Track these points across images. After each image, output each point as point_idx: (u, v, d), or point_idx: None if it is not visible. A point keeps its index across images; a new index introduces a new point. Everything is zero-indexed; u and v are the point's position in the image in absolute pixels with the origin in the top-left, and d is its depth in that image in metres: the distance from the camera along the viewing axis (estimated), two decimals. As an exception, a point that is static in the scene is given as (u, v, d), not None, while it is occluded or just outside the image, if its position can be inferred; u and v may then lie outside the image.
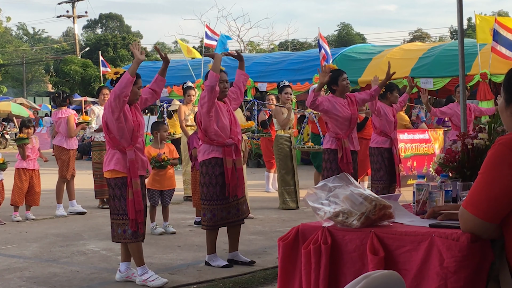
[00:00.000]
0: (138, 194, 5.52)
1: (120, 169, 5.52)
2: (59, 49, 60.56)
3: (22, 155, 9.19)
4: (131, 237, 5.56)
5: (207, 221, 6.15)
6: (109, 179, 5.59)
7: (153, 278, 5.56)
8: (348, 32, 58.12)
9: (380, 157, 8.33)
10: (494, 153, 2.58)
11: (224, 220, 6.16)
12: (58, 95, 9.93)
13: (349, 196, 2.96)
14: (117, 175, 5.54)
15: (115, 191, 5.56)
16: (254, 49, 46.67)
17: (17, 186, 9.18)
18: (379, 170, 8.33)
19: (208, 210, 6.14)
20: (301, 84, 17.65)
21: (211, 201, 6.12)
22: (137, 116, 5.66)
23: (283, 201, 9.97)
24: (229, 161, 6.11)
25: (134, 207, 5.47)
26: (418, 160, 12.43)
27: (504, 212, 2.56)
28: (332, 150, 7.21)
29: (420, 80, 15.95)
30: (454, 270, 2.66)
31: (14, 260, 6.65)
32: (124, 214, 5.53)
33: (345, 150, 7.14)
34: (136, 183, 5.51)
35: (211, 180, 6.11)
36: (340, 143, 7.14)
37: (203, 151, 6.20)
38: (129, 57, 46.93)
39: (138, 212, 5.49)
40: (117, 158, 5.53)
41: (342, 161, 7.11)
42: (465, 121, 6.47)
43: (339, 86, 7.18)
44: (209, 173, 6.12)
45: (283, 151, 10.05)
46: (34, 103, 38.33)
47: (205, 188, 6.15)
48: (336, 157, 7.17)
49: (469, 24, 46.89)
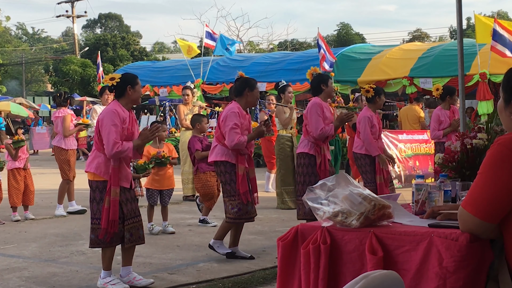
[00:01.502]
0: (115, 203, 5.38)
1: (100, 173, 5.45)
2: (58, 49, 60.57)
3: (14, 156, 9.17)
4: (105, 243, 5.44)
5: (233, 214, 6.36)
6: (90, 181, 5.53)
7: (114, 282, 5.49)
8: (348, 32, 58.09)
9: (367, 160, 8.05)
10: (493, 153, 2.58)
11: (249, 214, 6.39)
12: (59, 95, 9.94)
13: (348, 196, 2.96)
14: (99, 178, 5.47)
15: (95, 194, 5.48)
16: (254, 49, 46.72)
17: (14, 187, 9.18)
18: (370, 172, 8.05)
19: (234, 204, 6.34)
20: (300, 84, 17.64)
21: (236, 196, 6.32)
22: (133, 125, 5.60)
23: (282, 201, 9.98)
24: (241, 168, 6.29)
25: (109, 216, 5.35)
26: (421, 159, 12.44)
27: (503, 212, 2.56)
28: (309, 155, 6.99)
29: (420, 80, 15.95)
30: (453, 270, 2.66)
31: (13, 260, 6.65)
32: (100, 219, 5.42)
33: (324, 157, 6.99)
34: (115, 192, 5.38)
35: (232, 177, 6.31)
36: (319, 149, 6.98)
37: (216, 152, 6.38)
38: (128, 57, 46.93)
39: (111, 222, 5.36)
40: (99, 162, 5.46)
41: (320, 168, 6.94)
42: (464, 121, 6.49)
43: (328, 87, 7.08)
44: (228, 171, 6.32)
45: (284, 151, 10.06)
46: (34, 103, 38.31)
47: (228, 186, 6.35)
48: (312, 162, 6.98)
49: (469, 24, 46.91)
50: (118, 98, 5.56)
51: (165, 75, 20.92)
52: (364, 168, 8.17)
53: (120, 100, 5.55)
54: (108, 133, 5.34)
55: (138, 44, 53.78)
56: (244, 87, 6.45)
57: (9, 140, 9.36)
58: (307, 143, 7.05)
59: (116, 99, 5.58)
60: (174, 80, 19.77)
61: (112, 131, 5.34)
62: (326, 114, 7.01)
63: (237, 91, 6.49)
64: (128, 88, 5.52)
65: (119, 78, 5.57)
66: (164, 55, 55.91)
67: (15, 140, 9.14)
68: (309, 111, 7.01)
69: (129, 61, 43.07)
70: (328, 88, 7.10)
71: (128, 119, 5.51)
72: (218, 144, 6.37)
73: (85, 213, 9.68)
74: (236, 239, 6.61)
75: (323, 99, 7.08)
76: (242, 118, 6.35)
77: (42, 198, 10.88)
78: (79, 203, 9.94)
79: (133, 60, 43.40)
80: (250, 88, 6.45)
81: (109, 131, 5.35)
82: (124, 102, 5.55)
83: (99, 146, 5.47)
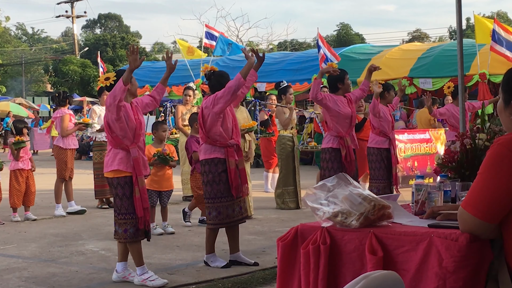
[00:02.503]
0: (144, 191, 5.56)
1: (124, 168, 5.51)
2: (58, 49, 60.54)
3: (16, 156, 9.17)
4: (132, 237, 5.56)
5: (213, 220, 6.09)
6: (111, 179, 5.58)
7: (153, 278, 5.56)
8: (347, 32, 58.09)
9: (379, 156, 8.38)
10: (493, 153, 2.58)
11: (230, 218, 6.11)
12: (58, 94, 9.95)
13: (348, 196, 2.97)
14: (120, 174, 5.53)
15: (117, 191, 5.55)
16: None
17: (15, 188, 9.17)
18: (379, 169, 8.38)
19: (213, 208, 6.09)
20: (300, 84, 17.66)
21: (215, 199, 6.08)
22: (138, 115, 5.67)
23: (283, 201, 9.98)
24: (231, 162, 6.09)
25: (142, 204, 5.49)
26: (419, 160, 12.43)
27: (503, 212, 2.56)
28: (334, 149, 7.20)
29: (419, 80, 15.98)
30: (453, 270, 2.66)
31: (13, 260, 6.65)
32: (127, 214, 5.53)
33: (348, 148, 7.17)
34: (142, 181, 5.54)
35: (215, 178, 6.07)
36: (343, 142, 7.18)
37: (204, 150, 6.16)
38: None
39: (145, 209, 5.52)
40: (120, 158, 5.53)
41: (346, 159, 7.14)
42: (464, 121, 6.50)
43: (344, 85, 7.28)
44: (212, 171, 6.08)
45: (286, 151, 10.07)
46: (33, 103, 38.32)
47: (209, 187, 6.10)
48: (337, 156, 7.17)
49: (468, 24, 46.88)
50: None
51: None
52: (374, 164, 8.45)
53: None
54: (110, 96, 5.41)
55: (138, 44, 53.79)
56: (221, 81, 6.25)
57: (12, 139, 9.36)
58: (330, 138, 7.24)
59: None
60: (173, 80, 19.72)
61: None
62: (342, 107, 7.16)
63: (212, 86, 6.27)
64: None
65: (114, 76, 5.60)
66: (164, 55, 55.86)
67: (16, 141, 9.14)
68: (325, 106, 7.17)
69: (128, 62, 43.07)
70: (345, 86, 7.31)
71: (130, 108, 5.56)
72: (204, 143, 6.18)
73: (85, 213, 9.69)
74: (235, 245, 6.32)
75: (339, 94, 7.28)
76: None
77: (42, 198, 10.88)
78: (79, 203, 9.94)
79: (133, 60, 43.33)
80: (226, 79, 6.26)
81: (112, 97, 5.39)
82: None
83: (114, 142, 5.55)
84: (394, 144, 8.66)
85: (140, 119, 5.67)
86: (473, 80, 14.78)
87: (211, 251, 6.24)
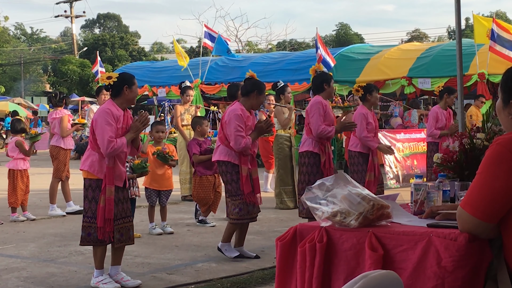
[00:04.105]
0: (110, 202, 5.39)
1: (94, 172, 5.45)
2: (57, 49, 60.53)
3: (27, 152, 9.16)
4: (95, 241, 5.48)
5: (235, 215, 6.35)
6: (84, 178, 5.54)
7: (106, 281, 5.50)
8: (346, 32, 58.15)
9: (361, 159, 8.07)
10: (492, 153, 2.58)
11: (250, 214, 6.36)
12: (54, 95, 9.94)
13: (347, 196, 2.96)
14: (92, 177, 5.48)
15: (87, 192, 5.49)
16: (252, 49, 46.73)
17: (20, 188, 9.14)
18: (361, 171, 8.02)
19: (235, 204, 6.33)
20: (299, 84, 17.64)
21: (237, 196, 6.30)
22: (128, 124, 5.59)
23: (281, 201, 9.98)
24: (244, 169, 6.26)
25: (104, 215, 5.38)
26: (418, 158, 12.44)
27: (502, 212, 2.56)
28: (314, 153, 6.99)
29: (418, 80, 15.96)
30: (451, 269, 2.66)
31: (12, 260, 6.65)
32: (92, 217, 5.44)
33: (328, 155, 7.01)
34: (110, 191, 5.40)
35: (233, 177, 6.29)
36: (323, 148, 7.00)
37: (220, 152, 6.36)
38: (126, 57, 46.93)
39: (107, 220, 5.38)
40: (93, 161, 5.47)
41: (324, 166, 6.95)
42: (463, 122, 6.50)
43: (330, 87, 7.12)
44: (229, 170, 6.30)
45: (283, 151, 10.06)
46: (32, 103, 38.30)
47: (229, 186, 6.34)
48: (316, 160, 6.98)
49: (467, 24, 46.92)
50: (114, 97, 5.56)
51: (164, 75, 20.89)
52: (355, 167, 8.16)
53: (115, 100, 5.54)
54: (103, 132, 5.35)
55: (137, 44, 53.82)
56: (253, 89, 6.38)
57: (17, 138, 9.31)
58: (311, 142, 7.03)
59: (112, 98, 5.58)
60: (172, 80, 19.73)
61: (106, 129, 5.34)
62: (327, 113, 7.03)
63: (245, 91, 6.40)
64: (125, 88, 5.51)
65: (116, 77, 5.57)
66: (163, 55, 55.90)
67: (32, 135, 9.19)
68: (310, 110, 7.00)
69: (127, 61, 43.07)
70: (330, 88, 7.15)
71: (122, 118, 5.51)
72: (222, 144, 6.36)
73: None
74: (241, 239, 6.61)
75: (324, 98, 7.09)
76: (246, 119, 6.29)
77: (40, 198, 10.87)
78: (77, 203, 9.92)
79: (132, 60, 43.43)
80: (259, 91, 6.40)
81: (103, 130, 5.35)
82: (119, 102, 5.54)
83: (94, 145, 5.49)
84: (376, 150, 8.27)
85: (128, 128, 5.58)
86: (472, 80, 14.77)
87: (227, 240, 6.52)
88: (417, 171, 11.98)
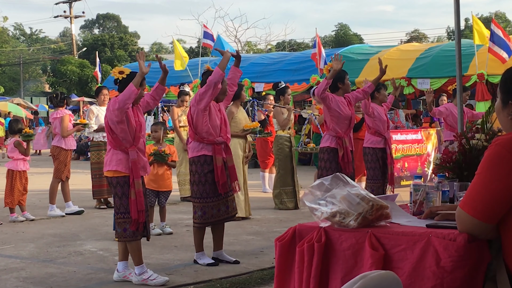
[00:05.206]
0: (140, 194, 5.55)
1: (122, 169, 5.54)
2: (56, 49, 60.50)
3: (25, 152, 9.15)
4: (131, 236, 5.58)
5: (198, 219, 6.24)
6: (110, 178, 5.61)
7: (154, 277, 5.57)
8: (346, 33, 58.09)
9: (375, 156, 8.43)
10: (491, 153, 2.58)
11: (215, 217, 6.23)
12: (55, 95, 9.93)
13: (346, 197, 2.96)
14: (119, 174, 5.56)
15: (116, 190, 5.59)
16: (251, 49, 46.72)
17: (18, 189, 9.13)
18: (374, 169, 8.43)
19: (198, 208, 6.22)
20: (298, 84, 17.65)
21: (201, 199, 6.19)
22: (139, 117, 5.67)
23: (281, 201, 9.98)
24: (219, 159, 6.17)
25: (137, 207, 5.50)
26: (410, 161, 12.41)
27: (501, 212, 2.56)
28: (332, 149, 7.26)
29: (417, 81, 15.97)
30: (450, 270, 2.66)
31: (11, 260, 6.64)
32: (125, 213, 5.56)
33: (346, 149, 7.24)
34: (138, 183, 5.55)
35: (201, 178, 6.17)
36: (341, 142, 7.23)
37: (192, 149, 6.25)
38: (126, 57, 46.90)
39: (140, 212, 5.52)
40: (119, 159, 5.55)
41: (343, 160, 7.20)
42: (462, 122, 6.51)
43: (344, 85, 7.32)
44: (199, 171, 6.19)
45: (283, 151, 10.07)
46: (31, 103, 38.28)
47: (195, 187, 6.22)
48: (335, 156, 7.24)
49: (466, 25, 46.92)
50: (121, 92, 5.56)
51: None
52: (370, 164, 8.51)
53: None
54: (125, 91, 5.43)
55: (136, 45, 53.79)
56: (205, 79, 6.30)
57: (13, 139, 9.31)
58: (328, 137, 7.32)
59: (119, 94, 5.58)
60: (172, 80, 19.68)
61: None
62: (342, 108, 7.21)
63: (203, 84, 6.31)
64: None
65: (127, 74, 5.58)
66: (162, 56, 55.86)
67: (25, 134, 9.15)
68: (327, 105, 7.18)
69: (127, 62, 43.08)
70: (345, 86, 7.34)
71: (131, 110, 5.56)
72: (193, 140, 6.25)
73: (83, 213, 9.68)
74: (219, 243, 6.44)
75: (339, 95, 7.31)
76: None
77: (40, 198, 10.87)
78: (76, 203, 9.93)
79: (131, 61, 43.41)
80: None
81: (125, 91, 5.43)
82: None
83: (114, 143, 5.56)
84: (390, 144, 8.71)
85: (140, 121, 5.67)
86: (471, 80, 14.78)
87: (200, 249, 6.35)
88: (407, 174, 11.97)
